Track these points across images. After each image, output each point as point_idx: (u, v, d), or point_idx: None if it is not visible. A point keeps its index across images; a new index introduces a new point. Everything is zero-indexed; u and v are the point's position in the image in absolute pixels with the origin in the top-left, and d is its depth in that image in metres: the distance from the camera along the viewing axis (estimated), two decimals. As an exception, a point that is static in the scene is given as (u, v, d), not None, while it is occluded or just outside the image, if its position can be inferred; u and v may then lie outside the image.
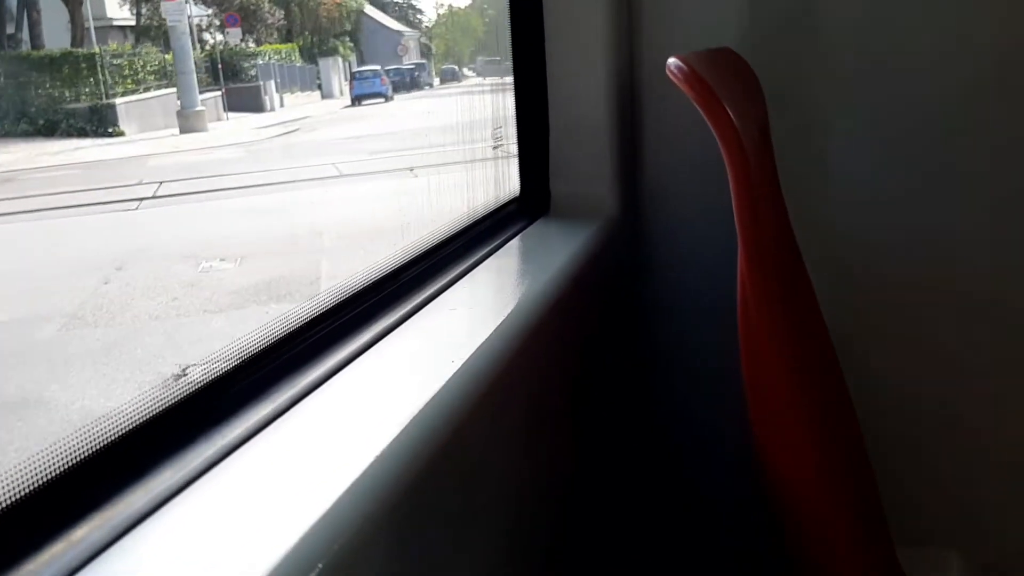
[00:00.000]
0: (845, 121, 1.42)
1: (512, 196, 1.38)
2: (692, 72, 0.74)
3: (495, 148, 1.40)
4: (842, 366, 1.25)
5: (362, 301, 0.89)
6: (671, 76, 0.77)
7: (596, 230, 1.33)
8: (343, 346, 0.80)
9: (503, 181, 1.40)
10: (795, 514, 0.99)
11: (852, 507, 1.21)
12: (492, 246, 1.20)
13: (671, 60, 0.77)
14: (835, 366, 1.25)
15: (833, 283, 1.40)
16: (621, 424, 1.48)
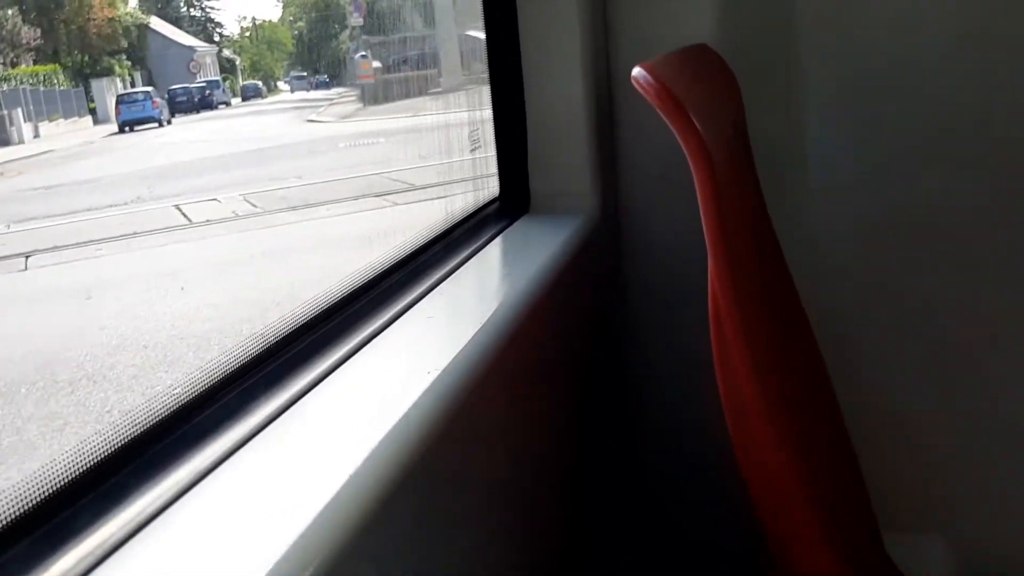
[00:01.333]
0: (826, 114, 1.43)
1: (492, 196, 1.38)
2: (656, 82, 0.74)
3: (472, 151, 1.40)
4: (825, 356, 1.26)
5: (338, 313, 0.90)
6: (637, 86, 0.77)
7: (577, 227, 1.33)
8: (319, 361, 0.81)
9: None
10: (776, 503, 1.01)
11: (835, 496, 1.22)
12: (473, 248, 1.20)
13: (636, 70, 0.78)
14: (816, 357, 1.26)
15: (815, 274, 1.41)
16: (606, 423, 1.49)
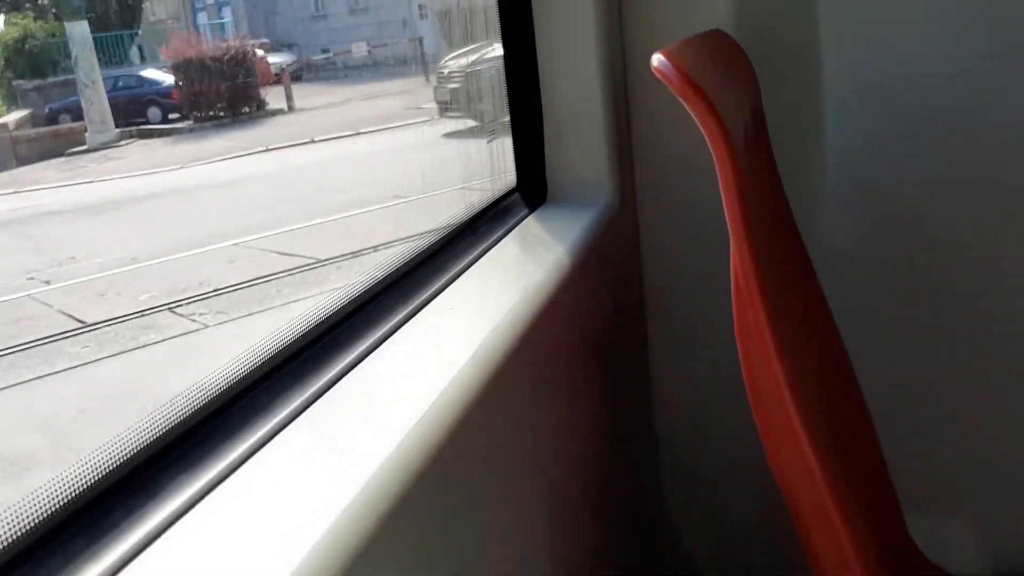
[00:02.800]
0: (845, 101, 1.42)
1: (510, 187, 1.38)
2: (677, 70, 0.75)
3: (489, 143, 1.41)
4: (845, 339, 1.26)
5: (364, 307, 0.91)
6: (657, 73, 0.78)
7: (595, 216, 1.34)
8: (344, 354, 0.82)
9: None
10: (801, 485, 1.01)
11: (858, 478, 1.22)
12: (492, 239, 1.21)
13: (656, 57, 0.78)
14: (836, 340, 1.26)
15: (834, 258, 1.41)
16: (630, 409, 1.50)
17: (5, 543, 0.53)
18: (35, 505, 0.56)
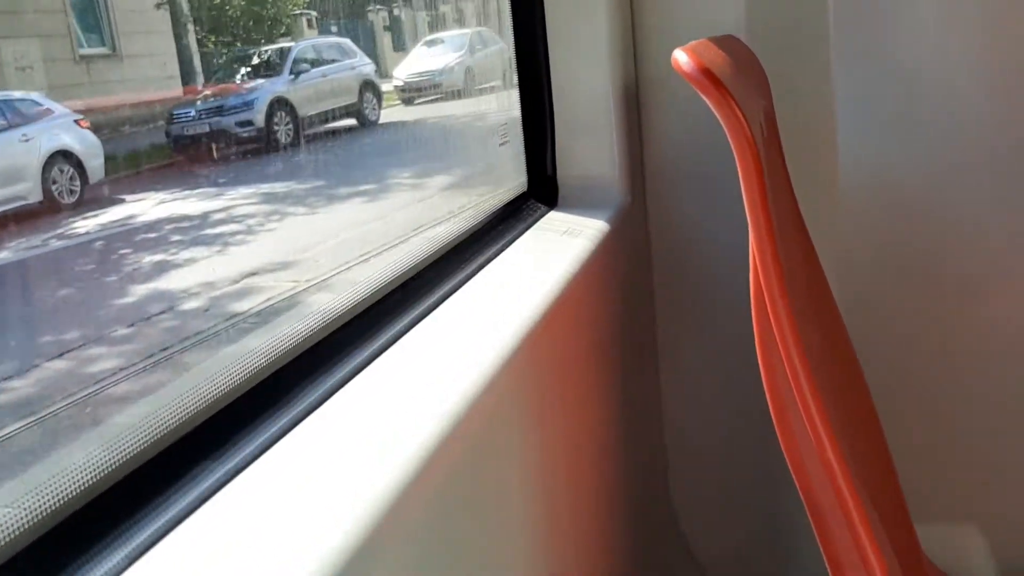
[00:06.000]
0: (855, 109, 1.42)
1: (520, 190, 1.38)
2: (700, 65, 0.74)
3: (501, 145, 1.40)
4: (856, 347, 1.25)
5: (372, 310, 0.90)
6: (678, 69, 0.77)
7: (606, 219, 1.33)
8: (357, 353, 0.81)
9: None
10: (811, 495, 1.00)
11: (869, 488, 1.21)
12: (504, 242, 1.20)
13: (677, 52, 0.77)
14: (848, 348, 1.25)
15: (843, 264, 1.41)
16: (641, 409, 1.49)
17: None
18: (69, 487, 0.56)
